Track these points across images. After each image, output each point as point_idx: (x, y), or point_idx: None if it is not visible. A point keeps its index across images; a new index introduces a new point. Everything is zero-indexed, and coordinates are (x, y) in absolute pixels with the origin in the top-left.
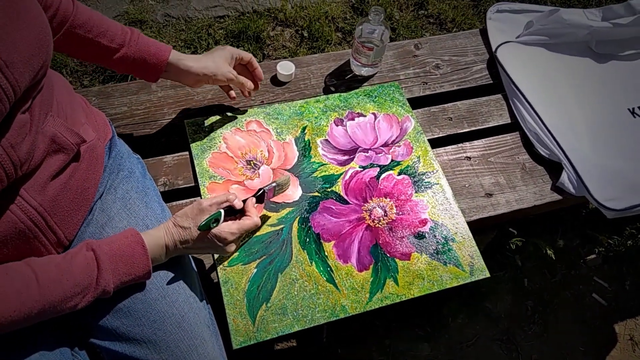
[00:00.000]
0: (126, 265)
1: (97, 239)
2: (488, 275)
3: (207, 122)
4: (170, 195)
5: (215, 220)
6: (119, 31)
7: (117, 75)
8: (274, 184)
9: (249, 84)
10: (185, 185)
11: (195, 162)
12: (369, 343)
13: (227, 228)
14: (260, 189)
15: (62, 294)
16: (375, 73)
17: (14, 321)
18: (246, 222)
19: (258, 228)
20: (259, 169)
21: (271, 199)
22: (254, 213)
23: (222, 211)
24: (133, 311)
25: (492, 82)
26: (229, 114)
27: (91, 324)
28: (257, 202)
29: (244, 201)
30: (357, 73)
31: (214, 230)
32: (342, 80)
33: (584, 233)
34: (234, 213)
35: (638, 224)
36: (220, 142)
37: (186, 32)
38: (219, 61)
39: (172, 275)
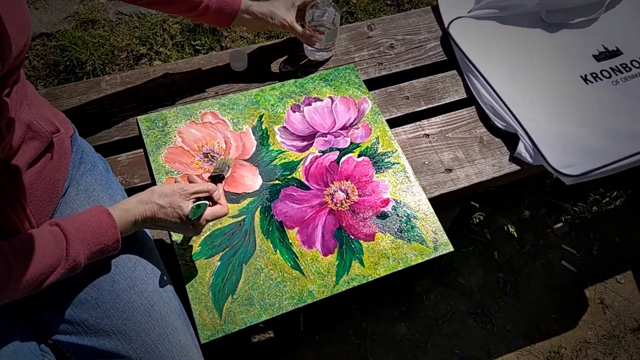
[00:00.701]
0: (94, 234)
1: None
2: (452, 249)
3: (161, 117)
4: (128, 195)
5: (198, 207)
6: None
7: (72, 77)
8: (227, 168)
9: (302, 34)
10: (142, 183)
11: (151, 158)
12: (346, 327)
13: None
14: (218, 175)
15: (33, 268)
16: (330, 57)
17: None
18: (218, 210)
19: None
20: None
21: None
22: (225, 202)
23: (208, 203)
24: (101, 302)
25: (446, 58)
26: (182, 107)
27: (54, 319)
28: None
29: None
30: (311, 58)
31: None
32: (297, 66)
33: (550, 202)
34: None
35: (601, 189)
36: (175, 136)
37: (140, 29)
38: (278, 6)
39: (140, 265)
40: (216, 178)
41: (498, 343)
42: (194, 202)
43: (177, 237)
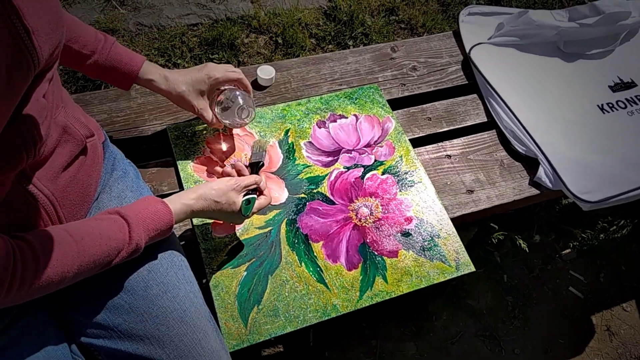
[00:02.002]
0: (152, 220)
1: None
2: (474, 269)
3: (189, 127)
4: None
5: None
6: (92, 38)
7: (92, 82)
8: (263, 153)
9: (212, 121)
10: (170, 191)
11: (179, 167)
12: (356, 344)
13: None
14: (257, 162)
15: (99, 249)
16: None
17: (59, 280)
18: (263, 202)
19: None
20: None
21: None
22: (268, 191)
23: (256, 196)
24: (135, 307)
25: (467, 82)
26: None
27: (87, 322)
28: (253, 172)
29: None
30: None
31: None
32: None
33: (559, 228)
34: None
35: (609, 217)
36: (203, 146)
37: (159, 40)
38: (186, 88)
39: (172, 270)
40: (256, 166)
41: None
42: (244, 196)
43: (205, 245)
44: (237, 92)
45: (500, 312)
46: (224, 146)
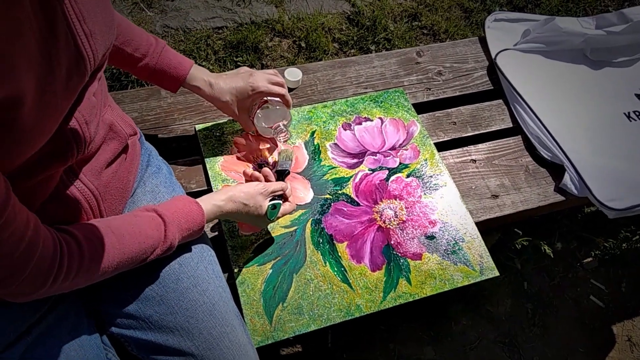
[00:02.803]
0: (186, 220)
1: None
2: (497, 274)
3: (218, 126)
4: None
5: (274, 207)
6: (144, 41)
7: (118, 81)
8: (289, 162)
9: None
10: (198, 189)
11: (208, 166)
12: (373, 347)
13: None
14: (283, 170)
15: (137, 246)
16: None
17: (100, 274)
18: (287, 208)
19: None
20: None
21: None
22: (293, 199)
23: (282, 202)
24: (166, 299)
25: (492, 88)
26: None
27: (118, 313)
28: (279, 179)
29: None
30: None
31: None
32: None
33: (580, 236)
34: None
35: (632, 227)
36: (231, 146)
37: (185, 42)
38: (229, 98)
39: (202, 264)
40: (282, 173)
41: None
42: (270, 200)
43: (232, 242)
44: (279, 109)
45: (519, 319)
46: (252, 146)
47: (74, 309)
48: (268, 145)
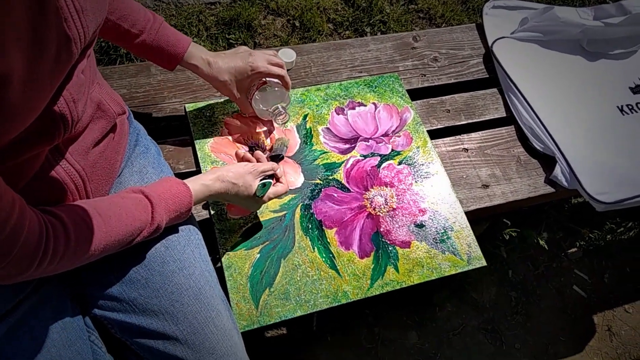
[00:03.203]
0: (173, 202)
1: None
2: (485, 264)
3: (208, 106)
4: None
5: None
6: (142, 16)
7: (106, 55)
8: (285, 148)
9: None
10: (186, 170)
11: (197, 147)
12: (358, 331)
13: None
14: (278, 155)
15: (124, 228)
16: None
17: (87, 257)
18: (280, 189)
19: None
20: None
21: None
22: (285, 180)
23: (272, 181)
24: (151, 282)
25: (487, 76)
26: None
27: (101, 295)
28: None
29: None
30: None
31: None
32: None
33: (567, 226)
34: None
35: (617, 219)
36: (221, 127)
37: (176, 17)
38: (228, 78)
39: (189, 248)
40: (276, 158)
41: None
42: (261, 180)
43: (219, 225)
44: (277, 91)
45: (503, 307)
46: (243, 128)
47: (57, 291)
48: (264, 129)
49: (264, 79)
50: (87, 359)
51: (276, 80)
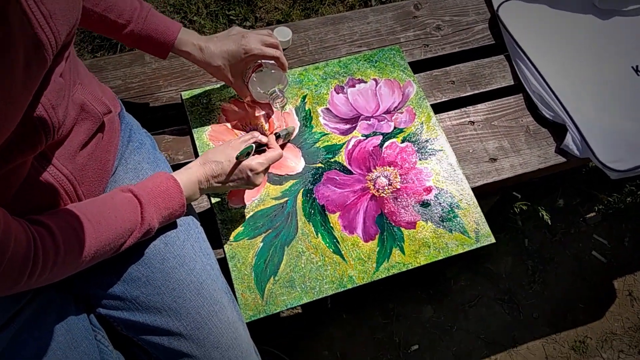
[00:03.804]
0: (164, 199)
1: None
2: (493, 241)
3: (205, 93)
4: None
5: (247, 153)
6: (128, 5)
7: (107, 40)
8: (286, 133)
9: (246, 97)
10: (186, 160)
11: (195, 136)
12: (372, 307)
13: (256, 159)
14: (277, 135)
15: (114, 231)
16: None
17: (76, 265)
18: (272, 154)
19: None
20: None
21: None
22: (277, 146)
23: (254, 145)
24: (152, 280)
25: (494, 42)
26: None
27: (104, 295)
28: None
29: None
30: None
31: (245, 162)
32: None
33: (584, 191)
34: (258, 153)
35: (638, 181)
36: (219, 114)
37: None
38: (222, 62)
39: (189, 243)
40: (276, 136)
41: (523, 330)
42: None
43: (221, 216)
44: (274, 73)
45: (519, 276)
46: (241, 114)
47: (60, 293)
48: (263, 112)
49: (259, 62)
50: (94, 359)
51: (272, 62)
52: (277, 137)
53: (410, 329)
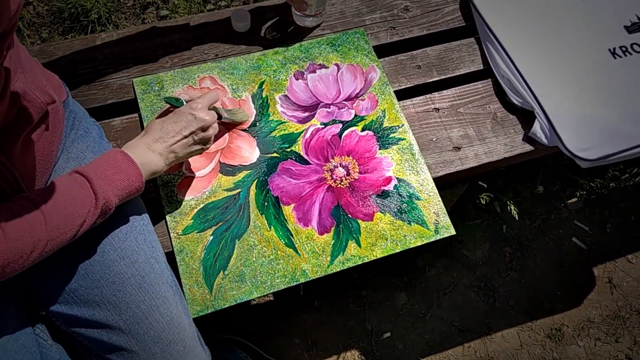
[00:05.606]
0: (114, 172)
1: None
2: (454, 232)
3: (157, 79)
4: None
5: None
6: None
7: (78, 22)
8: (229, 116)
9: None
10: None
11: (145, 124)
12: (345, 294)
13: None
14: (215, 108)
15: (65, 212)
16: (320, 23)
17: (27, 256)
18: (212, 95)
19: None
20: None
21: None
22: (214, 90)
23: (184, 101)
24: (91, 273)
25: (464, 24)
26: (180, 70)
27: (43, 288)
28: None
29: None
30: (300, 24)
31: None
32: (285, 33)
33: (566, 176)
34: None
35: (621, 165)
36: None
37: None
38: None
39: (132, 235)
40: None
41: (499, 317)
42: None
43: (169, 208)
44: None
45: (496, 263)
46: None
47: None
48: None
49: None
50: (32, 352)
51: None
52: (220, 117)
53: (383, 316)
